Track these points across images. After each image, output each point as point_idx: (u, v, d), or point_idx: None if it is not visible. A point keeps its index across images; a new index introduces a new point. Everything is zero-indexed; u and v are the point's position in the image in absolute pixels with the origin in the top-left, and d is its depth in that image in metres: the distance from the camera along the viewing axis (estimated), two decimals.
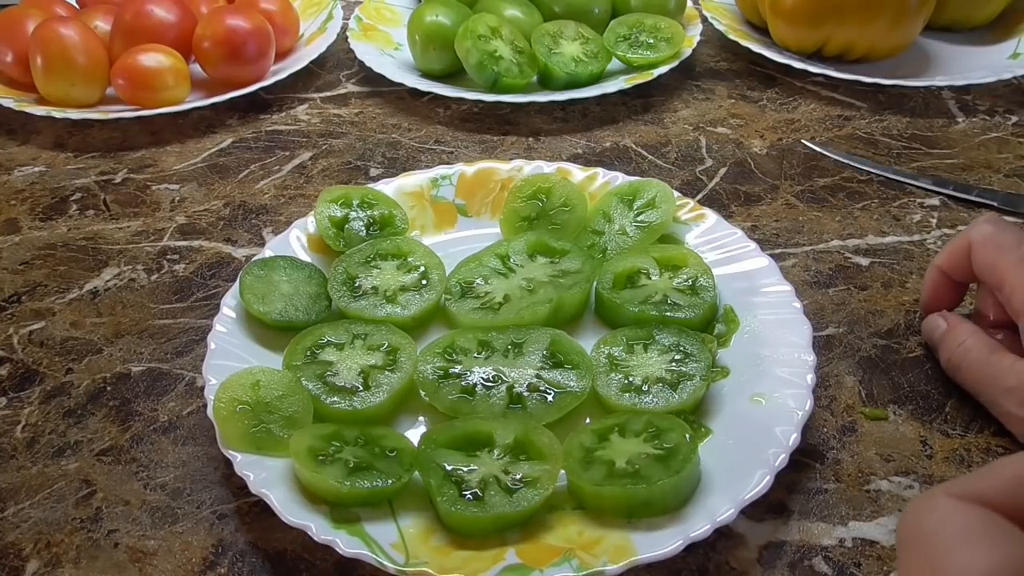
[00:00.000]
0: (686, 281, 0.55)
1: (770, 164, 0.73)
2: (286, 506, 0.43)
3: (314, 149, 0.77)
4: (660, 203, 0.61)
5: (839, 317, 0.58)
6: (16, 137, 0.80)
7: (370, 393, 0.49)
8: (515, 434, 0.46)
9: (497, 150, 0.76)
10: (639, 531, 0.42)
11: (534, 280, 0.56)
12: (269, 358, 0.52)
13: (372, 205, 0.62)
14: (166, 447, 0.50)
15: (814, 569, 0.43)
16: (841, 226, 0.66)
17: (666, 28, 0.84)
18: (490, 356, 0.51)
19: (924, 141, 0.76)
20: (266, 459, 0.45)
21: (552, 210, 0.62)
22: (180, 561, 0.44)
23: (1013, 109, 0.80)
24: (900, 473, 0.48)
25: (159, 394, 0.54)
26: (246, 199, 0.71)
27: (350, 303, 0.55)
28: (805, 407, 0.47)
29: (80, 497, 0.47)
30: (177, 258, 0.65)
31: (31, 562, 0.44)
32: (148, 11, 0.81)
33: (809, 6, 0.81)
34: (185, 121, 0.81)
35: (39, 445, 0.51)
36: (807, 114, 0.80)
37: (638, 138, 0.77)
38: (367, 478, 0.44)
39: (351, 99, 0.84)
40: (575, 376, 0.50)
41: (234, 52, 0.80)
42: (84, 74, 0.78)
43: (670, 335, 0.52)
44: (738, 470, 0.44)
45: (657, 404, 0.48)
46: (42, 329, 0.59)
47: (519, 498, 0.43)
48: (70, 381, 0.55)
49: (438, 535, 0.43)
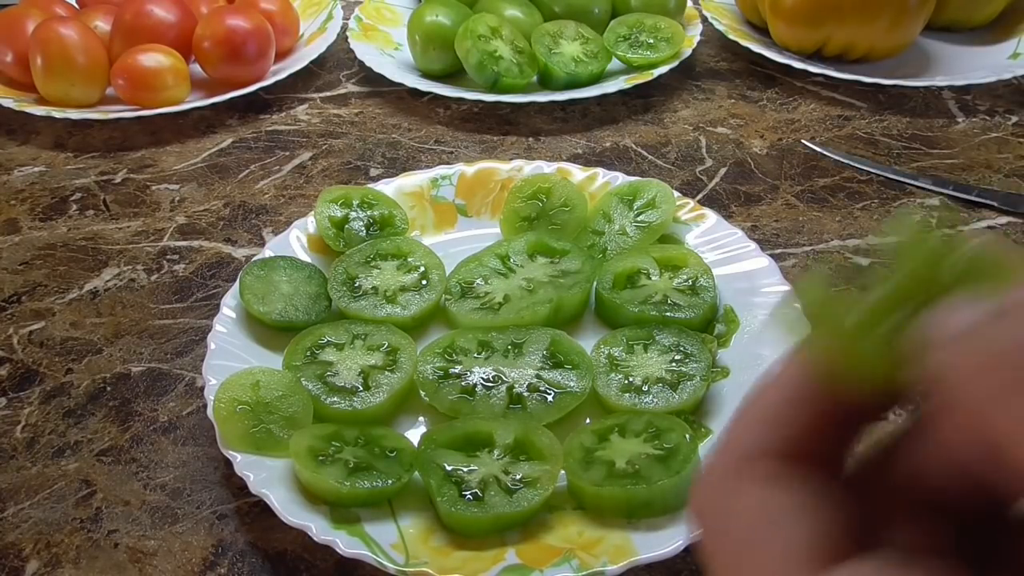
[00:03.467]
0: (686, 281, 0.55)
1: (770, 164, 0.73)
2: (286, 506, 0.43)
3: (314, 149, 0.77)
4: (660, 203, 0.61)
5: None
6: (16, 137, 0.80)
7: (370, 393, 0.49)
8: (515, 434, 0.46)
9: (497, 150, 0.76)
10: (639, 531, 0.42)
11: (534, 280, 0.56)
12: (269, 358, 0.52)
13: (372, 205, 0.62)
14: (166, 447, 0.50)
15: None
16: (841, 226, 0.66)
17: (666, 28, 0.84)
18: (490, 356, 0.51)
19: (924, 141, 0.76)
20: (266, 459, 0.45)
21: (552, 210, 0.62)
22: (180, 561, 0.44)
23: (1013, 109, 0.80)
24: None
25: (159, 394, 0.54)
26: (246, 199, 0.71)
27: (350, 303, 0.55)
28: None
29: (80, 497, 0.47)
30: (177, 258, 0.65)
31: (31, 562, 0.44)
32: (148, 11, 0.81)
33: (809, 6, 0.81)
34: (185, 121, 0.81)
35: (39, 445, 0.51)
36: (807, 114, 0.80)
37: (638, 138, 0.77)
38: (367, 478, 0.44)
39: (351, 99, 0.84)
40: (575, 376, 0.50)
41: (234, 52, 0.80)
42: (84, 74, 0.78)
43: (670, 335, 0.52)
44: None
45: (657, 404, 0.48)
46: (42, 329, 0.59)
47: (519, 498, 0.43)
48: (70, 381, 0.55)
49: (438, 535, 0.43)
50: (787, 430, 0.21)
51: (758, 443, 0.21)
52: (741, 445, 0.22)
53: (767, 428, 0.21)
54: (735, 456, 0.21)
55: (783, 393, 0.22)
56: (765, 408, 0.22)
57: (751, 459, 0.21)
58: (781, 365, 0.22)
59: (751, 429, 0.22)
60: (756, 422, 0.22)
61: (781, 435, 0.21)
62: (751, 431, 0.22)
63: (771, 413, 0.22)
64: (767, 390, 0.22)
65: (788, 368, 0.22)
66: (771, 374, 0.22)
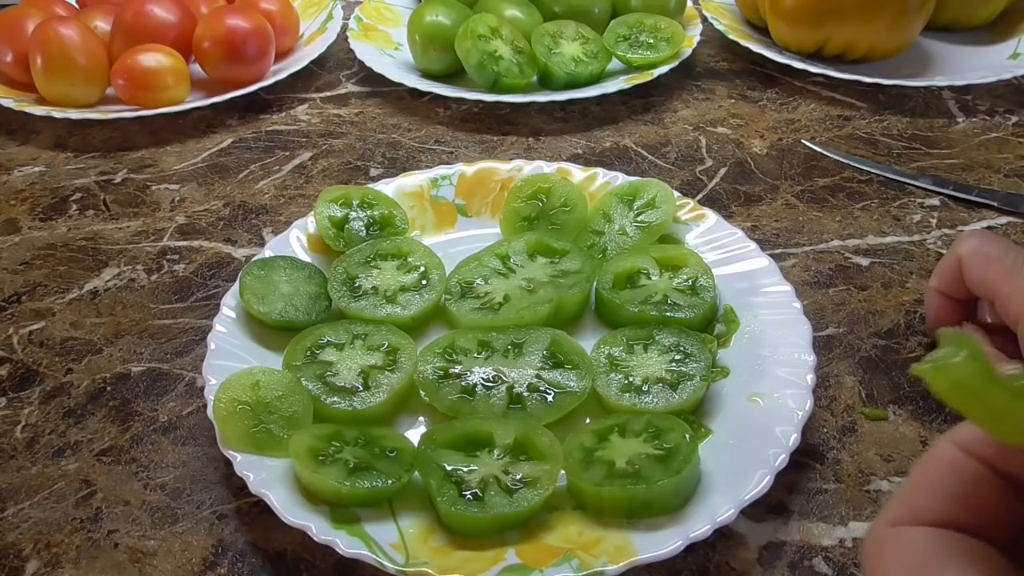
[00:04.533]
0: (686, 281, 0.55)
1: (770, 164, 0.73)
2: (286, 506, 0.43)
3: (314, 149, 0.77)
4: (660, 203, 0.61)
5: (839, 317, 0.58)
6: (16, 137, 0.80)
7: (370, 393, 0.49)
8: (515, 434, 0.46)
9: (497, 150, 0.76)
10: (639, 531, 0.42)
11: (534, 280, 0.56)
12: (269, 358, 0.52)
13: (372, 205, 0.62)
14: (166, 447, 0.50)
15: (814, 569, 0.43)
16: (841, 226, 0.66)
17: (666, 28, 0.84)
18: (490, 356, 0.51)
19: (924, 141, 0.76)
20: (266, 459, 0.45)
21: (552, 210, 0.62)
22: (180, 561, 0.44)
23: (1013, 109, 0.80)
24: (900, 473, 0.48)
25: (159, 394, 0.54)
26: (246, 199, 0.71)
27: (350, 303, 0.55)
28: (805, 407, 0.47)
29: (80, 497, 0.47)
30: (177, 258, 0.65)
31: (31, 562, 0.44)
32: (148, 11, 0.81)
33: (809, 6, 0.81)
34: (185, 121, 0.81)
35: (39, 445, 0.51)
36: (807, 114, 0.80)
37: (638, 138, 0.77)
38: (367, 478, 0.44)
39: (351, 99, 0.84)
40: (575, 376, 0.50)
41: (234, 52, 0.80)
42: (84, 74, 0.78)
43: (670, 335, 0.52)
44: (738, 470, 0.44)
45: (657, 404, 0.48)
46: (42, 329, 0.59)
47: (519, 498, 0.43)
48: (70, 381, 0.55)
49: (438, 535, 0.43)
50: (960, 503, 0.25)
51: (928, 508, 0.25)
52: (914, 507, 0.25)
53: (938, 496, 0.25)
54: (906, 514, 0.25)
55: (957, 467, 0.25)
56: (937, 478, 0.25)
57: (921, 520, 0.25)
58: (954, 436, 0.25)
59: (923, 494, 0.25)
60: (928, 488, 0.25)
61: (954, 506, 0.25)
62: (923, 496, 0.25)
63: (940, 482, 0.25)
64: (939, 458, 0.25)
65: (962, 441, 0.25)
66: (944, 443, 0.26)
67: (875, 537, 0.26)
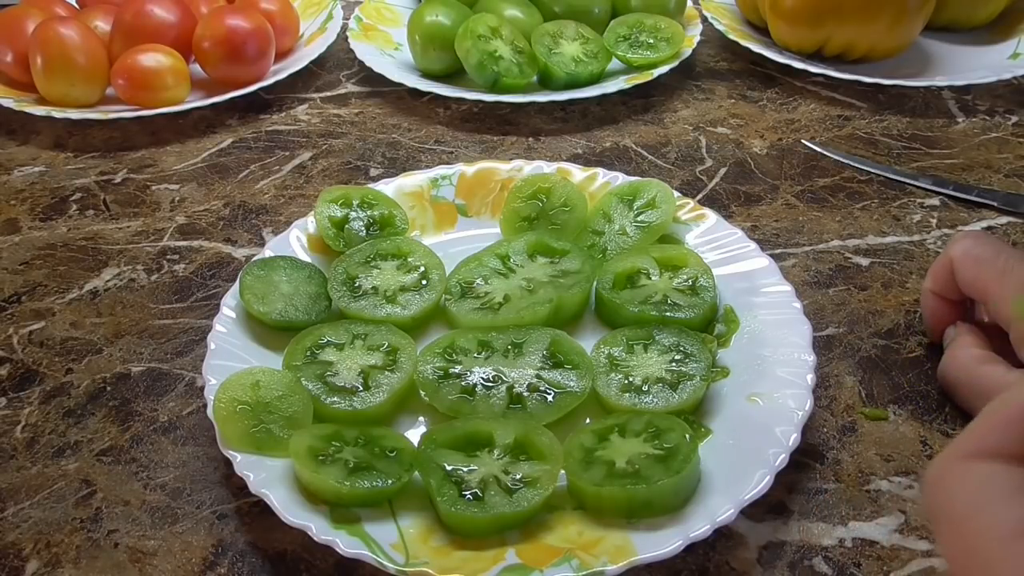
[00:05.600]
0: (686, 281, 0.55)
1: (770, 164, 0.73)
2: (286, 506, 0.43)
3: (314, 149, 0.77)
4: (660, 203, 0.61)
5: (839, 317, 0.58)
6: (16, 137, 0.80)
7: (370, 393, 0.49)
8: (515, 434, 0.46)
9: (497, 150, 0.76)
10: (639, 531, 0.42)
11: (534, 280, 0.56)
12: (269, 358, 0.52)
13: (372, 205, 0.62)
14: (166, 447, 0.50)
15: (814, 569, 0.43)
16: (841, 226, 0.66)
17: (666, 28, 0.84)
18: (490, 356, 0.51)
19: (924, 141, 0.76)
20: (266, 459, 0.45)
21: (552, 210, 0.62)
22: (180, 561, 0.44)
23: (1013, 109, 0.80)
24: (900, 473, 0.48)
25: (159, 394, 0.54)
26: (246, 199, 0.71)
27: (350, 303, 0.55)
28: (805, 407, 0.47)
29: (80, 497, 0.47)
30: (177, 258, 0.65)
31: (31, 562, 0.44)
32: (148, 11, 0.81)
33: (809, 6, 0.81)
34: (185, 121, 0.81)
35: (39, 445, 0.51)
36: (807, 114, 0.80)
37: (638, 138, 0.77)
38: (367, 478, 0.44)
39: (351, 99, 0.84)
40: (575, 376, 0.50)
41: (234, 52, 0.80)
42: (84, 74, 0.78)
43: (670, 335, 0.52)
44: (738, 470, 0.44)
45: (657, 404, 0.48)
46: (42, 329, 0.59)
47: (519, 498, 0.43)
48: (70, 381, 0.55)
49: (438, 535, 0.43)
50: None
51: (1002, 445, 0.26)
52: (988, 443, 0.26)
53: (1014, 434, 0.26)
54: (972, 447, 0.26)
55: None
56: (1015, 416, 0.26)
57: (995, 456, 0.26)
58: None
59: (999, 431, 0.26)
60: (1004, 425, 0.26)
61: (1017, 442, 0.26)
62: (999, 433, 0.26)
63: (1018, 421, 0.26)
64: (1017, 399, 0.26)
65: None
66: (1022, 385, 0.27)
67: (941, 469, 0.26)
